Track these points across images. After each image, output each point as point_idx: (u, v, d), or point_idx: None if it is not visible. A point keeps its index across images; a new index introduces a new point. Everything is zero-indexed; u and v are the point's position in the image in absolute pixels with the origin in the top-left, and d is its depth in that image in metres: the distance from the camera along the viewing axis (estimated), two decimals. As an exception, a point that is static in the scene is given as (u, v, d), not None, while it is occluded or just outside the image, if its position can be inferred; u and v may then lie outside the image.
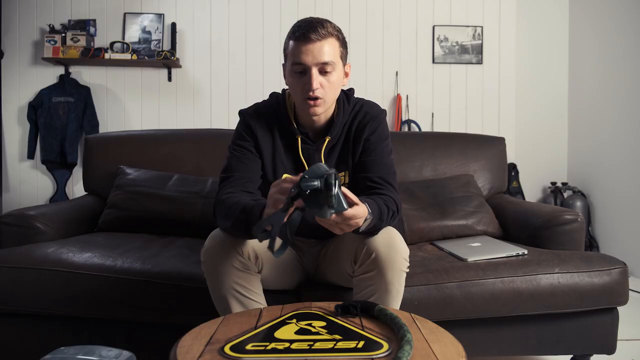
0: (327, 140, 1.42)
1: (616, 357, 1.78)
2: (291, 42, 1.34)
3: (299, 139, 1.42)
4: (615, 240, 3.56)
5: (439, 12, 3.87)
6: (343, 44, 1.38)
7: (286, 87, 1.45)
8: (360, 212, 1.10)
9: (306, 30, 1.30)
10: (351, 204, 1.09)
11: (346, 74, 1.42)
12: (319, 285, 1.55)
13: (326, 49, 1.31)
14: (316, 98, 1.33)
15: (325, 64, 1.31)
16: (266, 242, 1.34)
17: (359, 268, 1.29)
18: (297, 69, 1.33)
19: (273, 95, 1.49)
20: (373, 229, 1.24)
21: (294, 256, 1.51)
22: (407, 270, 1.30)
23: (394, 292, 1.28)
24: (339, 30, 1.37)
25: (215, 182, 2.08)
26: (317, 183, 1.02)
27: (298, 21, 1.36)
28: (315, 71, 1.31)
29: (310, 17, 1.35)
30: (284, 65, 1.41)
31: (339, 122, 1.42)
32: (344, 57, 1.38)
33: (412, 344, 0.92)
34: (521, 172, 4.02)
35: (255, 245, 1.29)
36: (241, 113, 1.47)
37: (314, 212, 1.06)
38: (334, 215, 1.06)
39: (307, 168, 1.42)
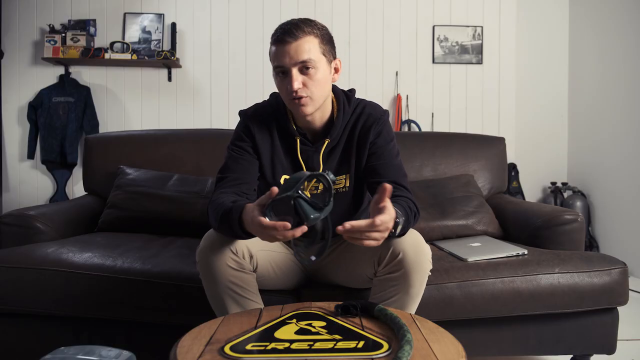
0: (327, 142, 1.41)
1: (616, 357, 1.77)
2: (272, 47, 1.34)
3: (298, 140, 1.42)
4: (615, 240, 3.56)
5: (439, 12, 3.87)
6: (325, 40, 1.35)
7: None
8: (361, 225, 1.06)
9: (281, 34, 1.30)
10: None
11: (336, 70, 1.40)
12: (319, 285, 1.55)
13: (303, 48, 1.30)
14: (300, 97, 1.32)
15: (304, 62, 1.30)
16: (262, 243, 1.34)
17: (383, 268, 1.29)
18: (279, 71, 1.33)
19: (273, 95, 1.49)
20: (403, 232, 1.24)
21: (293, 256, 1.51)
22: (430, 273, 1.31)
23: (413, 294, 1.29)
24: (319, 28, 1.34)
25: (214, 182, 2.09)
26: (289, 194, 1.04)
27: (278, 25, 1.35)
28: (295, 71, 1.30)
29: (290, 20, 1.34)
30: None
31: (339, 124, 1.41)
32: (327, 53, 1.35)
33: (412, 344, 0.92)
34: (521, 172, 4.02)
35: (249, 244, 1.29)
36: (241, 114, 1.47)
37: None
38: (348, 225, 1.05)
39: (305, 169, 1.41)
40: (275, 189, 1.07)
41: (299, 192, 1.04)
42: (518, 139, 3.97)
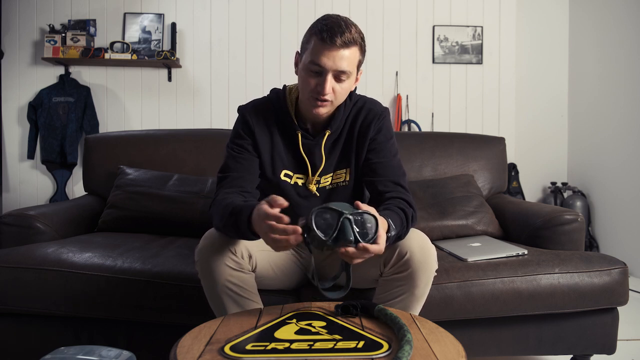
0: (328, 134, 1.41)
1: (616, 357, 1.78)
2: (314, 40, 1.31)
3: (299, 133, 1.41)
4: (615, 240, 3.56)
5: (439, 12, 3.87)
6: (363, 51, 1.36)
7: (287, 83, 1.47)
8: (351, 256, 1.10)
9: (333, 34, 1.27)
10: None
11: (356, 79, 1.42)
12: (319, 285, 1.54)
13: (347, 58, 1.29)
14: (325, 100, 1.33)
15: (342, 72, 1.30)
16: (262, 244, 1.34)
17: (390, 269, 1.29)
18: (314, 69, 1.31)
19: (273, 90, 1.49)
20: (399, 236, 1.24)
21: (293, 256, 1.51)
22: (436, 273, 1.31)
23: (418, 294, 1.28)
24: (362, 38, 1.34)
25: (215, 182, 2.09)
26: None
27: (325, 16, 1.33)
28: (330, 77, 1.30)
29: (338, 17, 1.32)
30: (298, 53, 1.39)
31: (339, 117, 1.42)
32: (360, 65, 1.37)
33: (412, 344, 0.91)
34: (521, 172, 4.02)
35: (248, 245, 1.29)
36: (239, 109, 1.47)
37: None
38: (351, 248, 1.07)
39: (308, 163, 1.42)
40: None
41: (351, 216, 1.06)
42: (518, 139, 3.97)
